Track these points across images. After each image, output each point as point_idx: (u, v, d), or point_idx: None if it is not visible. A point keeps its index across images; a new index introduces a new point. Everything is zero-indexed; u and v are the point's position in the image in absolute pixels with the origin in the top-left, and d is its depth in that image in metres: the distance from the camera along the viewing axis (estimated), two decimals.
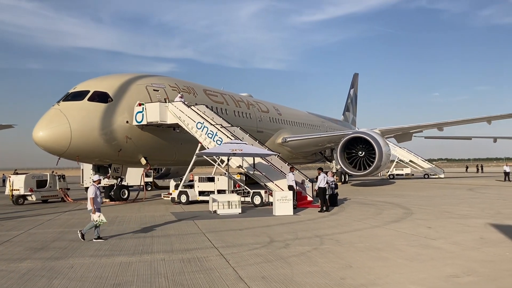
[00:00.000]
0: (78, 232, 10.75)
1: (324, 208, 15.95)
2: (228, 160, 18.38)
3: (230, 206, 16.08)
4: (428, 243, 9.49)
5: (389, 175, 48.39)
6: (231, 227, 12.43)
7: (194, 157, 20.25)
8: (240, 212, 15.85)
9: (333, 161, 39.12)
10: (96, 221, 10.60)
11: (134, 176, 29.15)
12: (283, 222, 13.19)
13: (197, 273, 7.09)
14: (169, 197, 20.95)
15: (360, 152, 30.50)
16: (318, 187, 16.52)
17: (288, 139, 34.60)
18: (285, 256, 8.27)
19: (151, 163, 24.04)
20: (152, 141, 22.35)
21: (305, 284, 6.38)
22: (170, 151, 24.05)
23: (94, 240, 10.53)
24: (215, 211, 15.89)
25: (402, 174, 48.87)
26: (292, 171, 17.87)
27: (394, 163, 49.18)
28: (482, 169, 70.01)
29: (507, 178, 38.17)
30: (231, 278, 6.77)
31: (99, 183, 11.55)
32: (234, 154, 16.53)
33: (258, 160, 19.25)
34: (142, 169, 32.27)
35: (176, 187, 21.06)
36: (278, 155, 20.88)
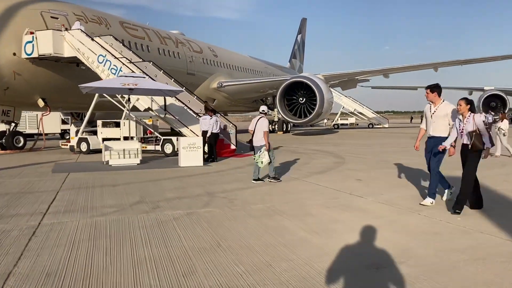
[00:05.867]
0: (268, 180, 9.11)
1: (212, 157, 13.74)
2: (128, 98, 14.91)
3: (128, 155, 13.00)
4: (351, 202, 6.93)
5: (334, 124, 46.58)
6: (105, 182, 9.36)
7: (96, 97, 16.84)
8: (139, 162, 12.83)
9: (275, 110, 36.49)
10: (256, 159, 8.96)
11: (49, 124, 25.76)
12: (180, 175, 10.30)
13: None
14: (67, 145, 17.54)
15: (301, 99, 27.97)
16: (203, 131, 14.08)
17: (225, 84, 31.20)
18: (134, 227, 5.40)
19: (54, 106, 20.24)
20: (50, 79, 18.50)
21: None
22: (76, 93, 20.13)
23: (269, 180, 9.09)
24: (107, 162, 12.77)
25: (347, 124, 47.25)
26: (209, 114, 14.68)
27: (339, 112, 47.38)
28: None
29: None
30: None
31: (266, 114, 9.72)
32: (131, 91, 13.18)
33: (171, 101, 16.06)
34: (59, 114, 28.69)
35: (77, 133, 17.64)
36: (192, 94, 17.80)
